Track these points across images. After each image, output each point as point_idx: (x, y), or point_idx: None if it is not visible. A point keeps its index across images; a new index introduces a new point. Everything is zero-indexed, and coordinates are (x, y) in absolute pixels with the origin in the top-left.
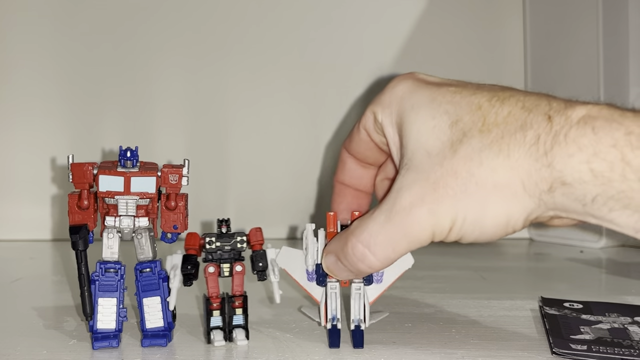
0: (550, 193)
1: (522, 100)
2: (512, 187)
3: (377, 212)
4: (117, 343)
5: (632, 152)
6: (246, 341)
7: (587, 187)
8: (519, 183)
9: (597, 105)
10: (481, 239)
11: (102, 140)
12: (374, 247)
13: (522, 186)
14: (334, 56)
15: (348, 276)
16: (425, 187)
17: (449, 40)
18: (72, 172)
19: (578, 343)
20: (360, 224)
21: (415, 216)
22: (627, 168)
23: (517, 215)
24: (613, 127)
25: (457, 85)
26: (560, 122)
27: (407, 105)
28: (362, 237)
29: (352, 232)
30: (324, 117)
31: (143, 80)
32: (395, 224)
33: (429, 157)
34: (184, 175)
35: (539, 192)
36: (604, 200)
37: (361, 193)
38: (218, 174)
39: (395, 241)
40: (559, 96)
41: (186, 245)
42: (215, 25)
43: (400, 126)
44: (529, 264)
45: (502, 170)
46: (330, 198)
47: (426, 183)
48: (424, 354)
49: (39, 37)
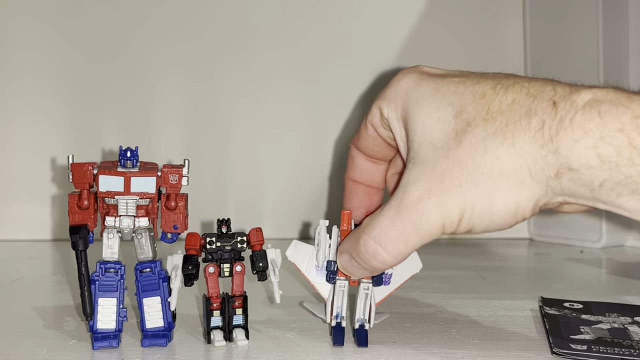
0: (558, 179)
1: (526, 86)
2: (518, 175)
3: (386, 207)
4: (117, 343)
5: (639, 136)
6: (246, 341)
7: (594, 173)
8: (525, 170)
9: (603, 88)
10: (492, 228)
11: (102, 140)
12: (385, 243)
13: (529, 173)
14: (336, 53)
15: (363, 274)
16: (432, 180)
17: (448, 39)
18: (72, 172)
19: (578, 343)
20: (371, 221)
21: (423, 209)
22: (634, 152)
23: (525, 202)
24: (620, 111)
25: (460, 75)
26: (565, 107)
27: (412, 98)
28: (373, 233)
29: (363, 230)
30: (325, 117)
31: (143, 80)
32: (405, 218)
33: (435, 149)
34: (184, 175)
35: (545, 178)
36: (612, 186)
37: (372, 189)
38: (218, 174)
39: (406, 235)
40: (564, 81)
41: (187, 245)
42: (215, 25)
43: (406, 120)
44: (529, 264)
45: (508, 158)
46: (329, 197)
47: (432, 175)
48: (424, 354)
49: (39, 37)
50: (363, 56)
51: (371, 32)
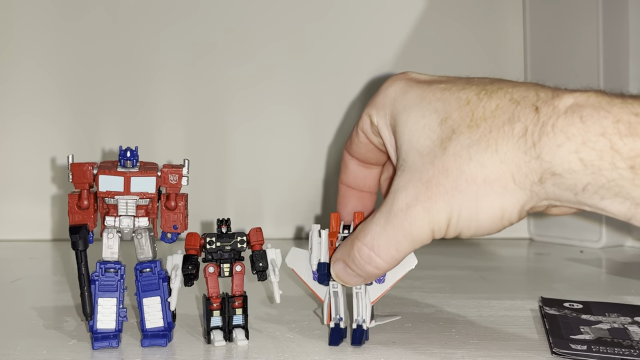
0: (541, 184)
1: (510, 92)
2: (502, 181)
3: (377, 214)
4: (117, 343)
5: (620, 140)
6: (246, 341)
7: (577, 177)
8: (509, 176)
9: (585, 92)
10: (480, 233)
11: (102, 140)
12: (377, 249)
13: (512, 179)
14: (335, 54)
15: (358, 281)
16: (419, 187)
17: (448, 41)
18: (72, 172)
19: (578, 343)
20: (364, 228)
21: (412, 216)
22: (616, 156)
23: (510, 208)
24: (601, 115)
25: (447, 81)
26: (547, 113)
27: (399, 106)
28: (366, 240)
29: (356, 236)
30: (324, 117)
31: (143, 80)
32: (395, 225)
33: (421, 156)
34: (184, 175)
35: (529, 183)
36: (595, 189)
37: (365, 194)
38: (218, 174)
39: (398, 241)
40: (548, 85)
41: (186, 245)
42: (215, 26)
43: (394, 127)
44: (529, 264)
45: (491, 164)
46: (330, 197)
47: (419, 183)
48: (424, 354)
49: (39, 37)
50: (362, 58)
51: (369, 34)
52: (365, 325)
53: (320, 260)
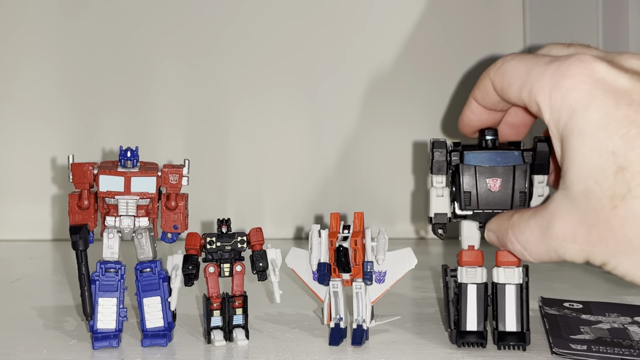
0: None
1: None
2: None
3: (532, 221)
4: (117, 343)
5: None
6: (246, 341)
7: None
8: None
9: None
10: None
11: (102, 140)
12: (529, 252)
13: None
14: (335, 54)
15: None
16: (579, 229)
17: (447, 35)
18: (73, 172)
19: (578, 343)
20: (519, 223)
21: (567, 250)
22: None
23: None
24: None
25: (633, 92)
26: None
27: (575, 125)
28: (521, 239)
29: (511, 227)
30: (324, 117)
31: (143, 80)
32: (549, 246)
33: (587, 197)
34: (184, 175)
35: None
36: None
37: (498, 113)
38: (218, 173)
39: (550, 256)
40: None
41: (187, 245)
42: (216, 26)
43: (563, 141)
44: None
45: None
46: (330, 197)
47: (580, 224)
48: (424, 354)
49: (39, 37)
50: (363, 58)
51: (369, 27)
52: (365, 325)
53: (320, 260)
